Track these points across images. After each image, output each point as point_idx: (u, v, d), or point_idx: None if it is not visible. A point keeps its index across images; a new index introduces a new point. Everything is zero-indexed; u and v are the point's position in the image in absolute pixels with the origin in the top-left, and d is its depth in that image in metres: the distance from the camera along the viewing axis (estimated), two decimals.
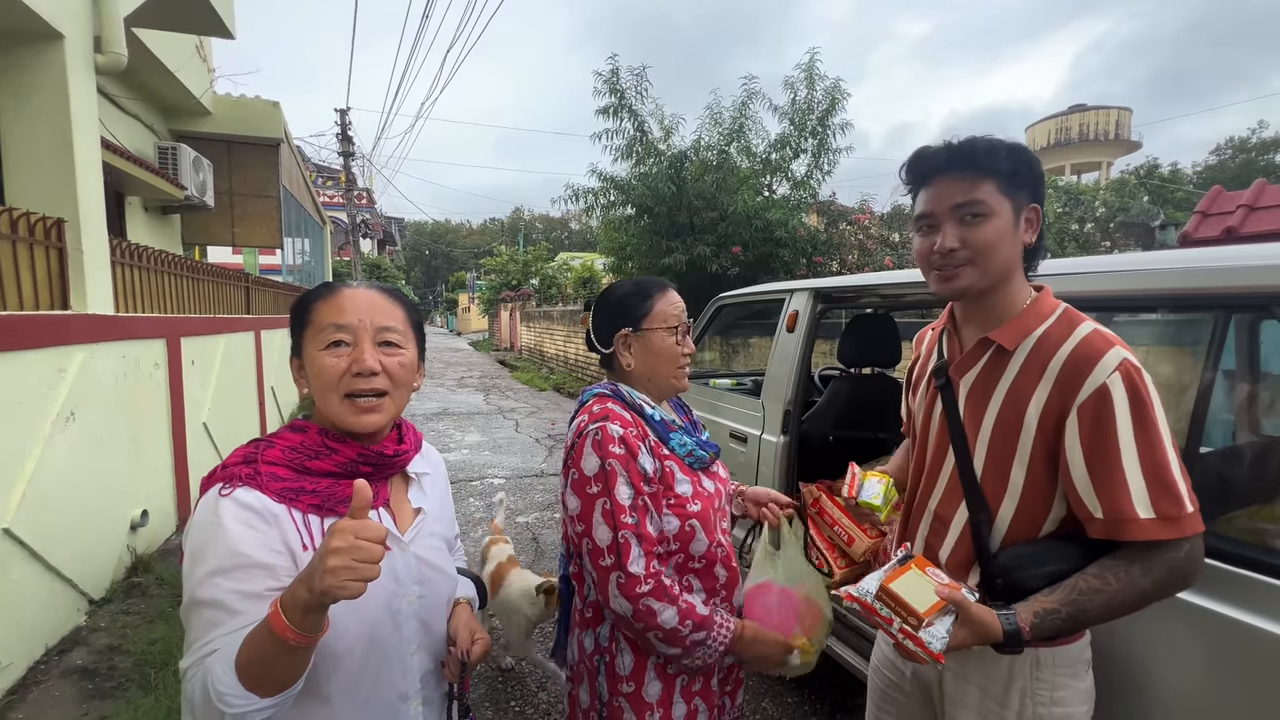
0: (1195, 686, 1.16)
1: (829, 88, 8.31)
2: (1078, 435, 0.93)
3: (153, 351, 3.98)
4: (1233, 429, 1.76)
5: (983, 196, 0.98)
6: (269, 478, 0.84)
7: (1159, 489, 0.89)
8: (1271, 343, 1.72)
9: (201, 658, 0.75)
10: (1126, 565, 0.90)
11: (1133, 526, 0.89)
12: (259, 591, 0.78)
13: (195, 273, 5.17)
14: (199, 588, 0.78)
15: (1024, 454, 1.00)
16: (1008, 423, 1.01)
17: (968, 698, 1.06)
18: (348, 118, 17.52)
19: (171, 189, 6.23)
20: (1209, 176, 26.58)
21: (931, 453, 1.15)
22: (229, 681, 0.71)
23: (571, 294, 18.25)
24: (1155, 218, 10.98)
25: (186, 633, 0.80)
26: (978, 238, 0.99)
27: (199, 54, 6.78)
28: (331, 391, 0.89)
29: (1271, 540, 1.22)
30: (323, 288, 0.94)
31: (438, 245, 70.42)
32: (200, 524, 0.81)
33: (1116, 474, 0.90)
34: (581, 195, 8.87)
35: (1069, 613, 0.90)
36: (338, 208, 20.41)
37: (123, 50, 3.75)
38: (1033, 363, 0.99)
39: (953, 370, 1.11)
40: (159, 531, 3.89)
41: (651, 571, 1.12)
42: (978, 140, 1.01)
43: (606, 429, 1.15)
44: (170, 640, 2.72)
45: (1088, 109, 36.82)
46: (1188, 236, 3.85)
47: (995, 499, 1.03)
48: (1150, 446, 0.90)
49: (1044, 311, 1.02)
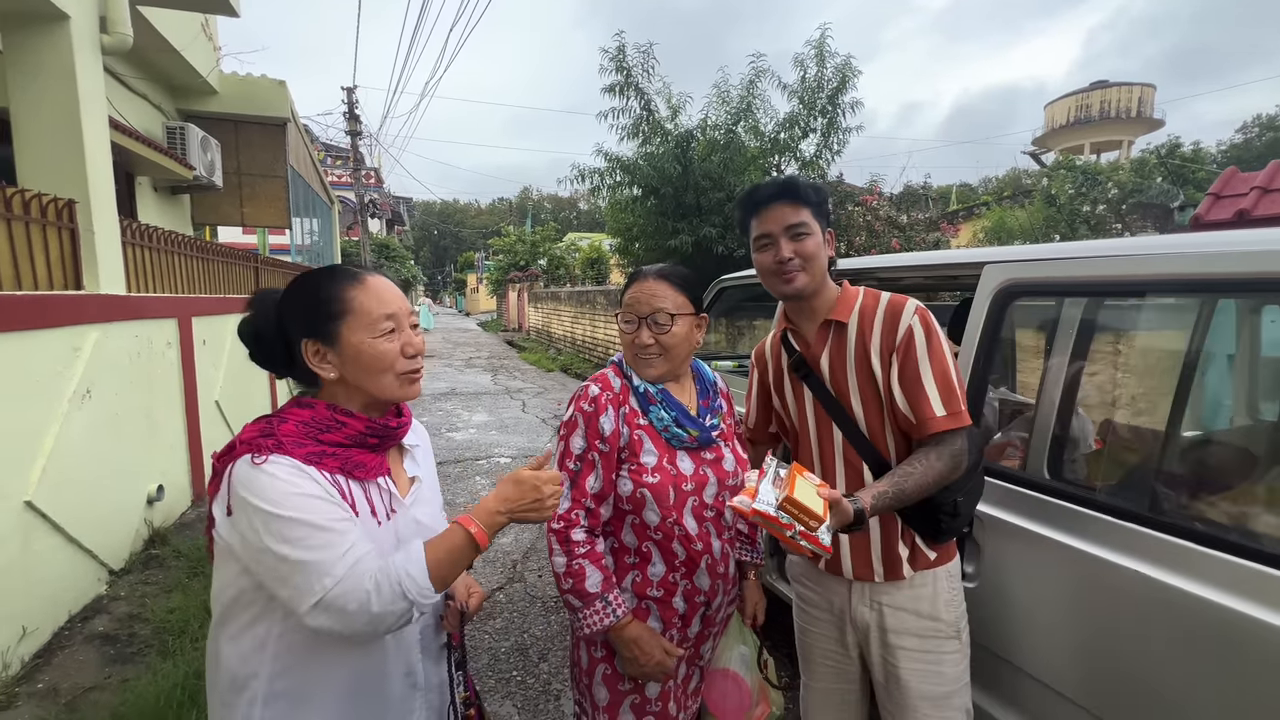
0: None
1: (839, 65, 8.15)
2: (897, 364, 1.25)
3: (165, 331, 4.06)
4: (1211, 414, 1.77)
5: (805, 219, 1.30)
6: (292, 445, 0.91)
7: (947, 394, 1.20)
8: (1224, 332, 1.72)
9: (347, 571, 0.85)
10: (926, 453, 1.19)
11: (932, 423, 1.19)
12: (341, 517, 0.89)
13: (205, 253, 5.24)
14: (285, 528, 0.84)
15: (886, 394, 1.27)
16: (866, 377, 1.29)
17: (907, 623, 1.30)
18: (355, 96, 17.43)
19: (180, 169, 6.27)
20: (1234, 156, 25.82)
21: (817, 435, 1.37)
22: (424, 583, 0.89)
23: (580, 275, 18.23)
24: (1174, 198, 10.73)
25: (289, 576, 0.84)
26: (805, 249, 1.29)
27: (204, 32, 6.76)
28: (388, 372, 0.98)
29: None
30: (344, 276, 0.97)
31: (446, 225, 70.29)
32: (251, 486, 0.86)
33: (921, 387, 1.21)
34: (587, 175, 8.81)
35: (894, 492, 1.14)
36: (346, 187, 20.41)
37: (128, 30, 3.76)
38: (863, 326, 1.30)
39: (809, 358, 1.37)
40: (174, 506, 4.01)
41: (568, 516, 1.25)
42: (798, 179, 1.35)
43: (588, 388, 1.33)
44: (187, 610, 2.83)
45: (1110, 85, 35.72)
46: (1199, 219, 3.78)
47: (882, 445, 1.30)
48: (939, 363, 1.22)
49: (851, 294, 1.35)
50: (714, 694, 1.41)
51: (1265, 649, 1.03)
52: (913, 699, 1.28)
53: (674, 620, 1.31)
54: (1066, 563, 1.34)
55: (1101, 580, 1.28)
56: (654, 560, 1.29)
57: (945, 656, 1.28)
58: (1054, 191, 10.09)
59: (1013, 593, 1.45)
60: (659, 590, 1.30)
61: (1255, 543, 1.14)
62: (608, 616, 1.22)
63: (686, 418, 1.32)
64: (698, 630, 1.35)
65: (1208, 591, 1.11)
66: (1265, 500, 1.35)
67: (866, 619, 1.33)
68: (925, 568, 1.29)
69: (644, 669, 1.23)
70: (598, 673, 1.31)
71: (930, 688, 1.27)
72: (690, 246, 8.01)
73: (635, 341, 1.32)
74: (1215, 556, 1.13)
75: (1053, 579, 1.37)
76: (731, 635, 1.46)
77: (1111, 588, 1.26)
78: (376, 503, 0.98)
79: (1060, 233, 9.52)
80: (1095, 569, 1.28)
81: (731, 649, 1.44)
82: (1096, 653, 1.29)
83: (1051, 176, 10.89)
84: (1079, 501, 1.36)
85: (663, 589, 1.30)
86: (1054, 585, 1.37)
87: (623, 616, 1.23)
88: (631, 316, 1.32)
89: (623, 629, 1.23)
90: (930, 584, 1.30)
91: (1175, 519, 1.27)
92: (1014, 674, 1.46)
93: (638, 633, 1.24)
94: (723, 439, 1.38)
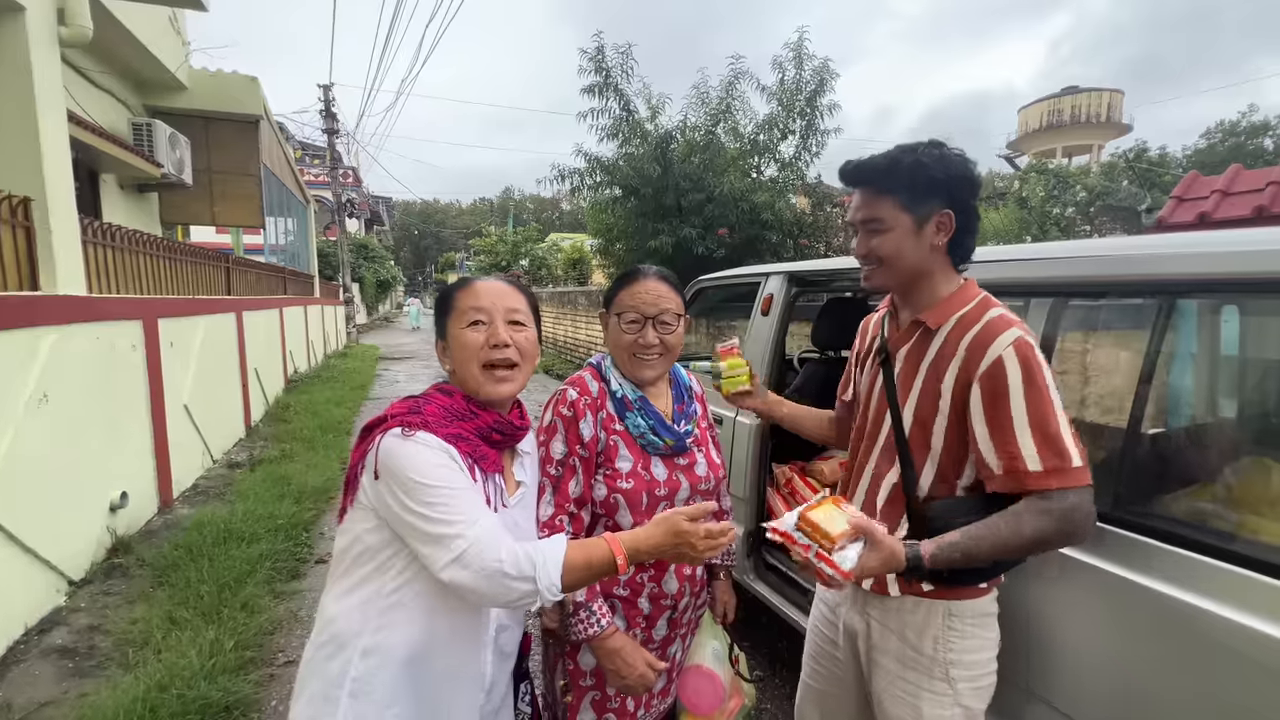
0: (1092, 641, 1.26)
1: (818, 68, 8.23)
2: (980, 401, 1.08)
3: (129, 333, 3.94)
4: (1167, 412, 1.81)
5: (881, 214, 1.15)
6: (437, 424, 1.01)
7: (1046, 446, 1.01)
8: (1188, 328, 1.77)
9: (480, 534, 0.94)
10: (1016, 513, 1.03)
11: (1023, 478, 1.02)
12: (476, 489, 1.00)
13: (172, 253, 5.10)
14: (425, 494, 0.94)
15: (941, 420, 1.14)
16: (930, 391, 1.16)
17: (889, 644, 1.21)
18: (331, 94, 17.14)
19: (147, 166, 6.10)
20: (1197, 161, 26.64)
21: (871, 419, 1.29)
22: (555, 577, 0.96)
23: (562, 275, 18.14)
24: (1141, 201, 11.01)
25: (426, 535, 0.95)
26: (880, 248, 1.16)
27: (172, 27, 6.60)
28: (472, 361, 1.07)
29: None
30: (461, 281, 1.13)
31: (427, 225, 69.57)
32: (398, 455, 0.96)
33: (1009, 433, 1.04)
34: (568, 176, 8.78)
35: (965, 548, 1.03)
36: (323, 186, 20.07)
37: (88, 23, 3.65)
38: (951, 341, 1.14)
39: (891, 346, 1.26)
40: (140, 513, 3.90)
41: (552, 523, 1.23)
42: (879, 160, 1.16)
43: (566, 392, 1.30)
44: (151, 620, 2.74)
45: (1080, 91, 36.66)
46: (1163, 221, 3.88)
47: (919, 458, 1.18)
48: (1039, 409, 1.03)
49: (965, 299, 1.17)
50: (688, 689, 1.41)
51: (1218, 640, 1.05)
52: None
53: (638, 620, 1.31)
54: (1040, 564, 1.35)
55: (1072, 579, 1.29)
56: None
57: (924, 694, 1.16)
58: (1026, 194, 10.31)
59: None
60: (625, 590, 1.30)
61: (1214, 539, 1.16)
62: (592, 626, 1.20)
63: (663, 426, 1.31)
64: (664, 634, 1.34)
65: (1167, 588, 1.13)
66: (1223, 497, 1.38)
67: (856, 627, 1.28)
68: (915, 594, 1.17)
69: (625, 681, 1.21)
70: (559, 668, 1.31)
71: (902, 715, 1.19)
72: (671, 247, 8.02)
73: (639, 341, 1.29)
74: (1174, 552, 1.15)
75: (1029, 582, 1.38)
76: (704, 632, 1.46)
77: (1082, 586, 1.27)
78: (491, 495, 1.06)
79: (1032, 234, 9.72)
80: (1066, 568, 1.30)
81: (704, 645, 1.45)
82: (1072, 654, 1.31)
83: (1024, 179, 11.12)
84: None
85: (629, 588, 1.30)
86: (1030, 588, 1.38)
87: (606, 627, 1.20)
88: (636, 316, 1.29)
89: (605, 640, 1.20)
90: (922, 613, 1.17)
91: (1135, 516, 1.29)
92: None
93: (620, 644, 1.21)
94: (696, 444, 1.38)
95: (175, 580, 3.10)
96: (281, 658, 2.65)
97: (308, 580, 3.35)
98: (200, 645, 2.51)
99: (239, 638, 2.63)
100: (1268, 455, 1.38)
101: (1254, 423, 1.65)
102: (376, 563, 1.01)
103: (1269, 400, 1.58)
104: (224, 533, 3.58)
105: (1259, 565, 1.04)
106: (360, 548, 1.01)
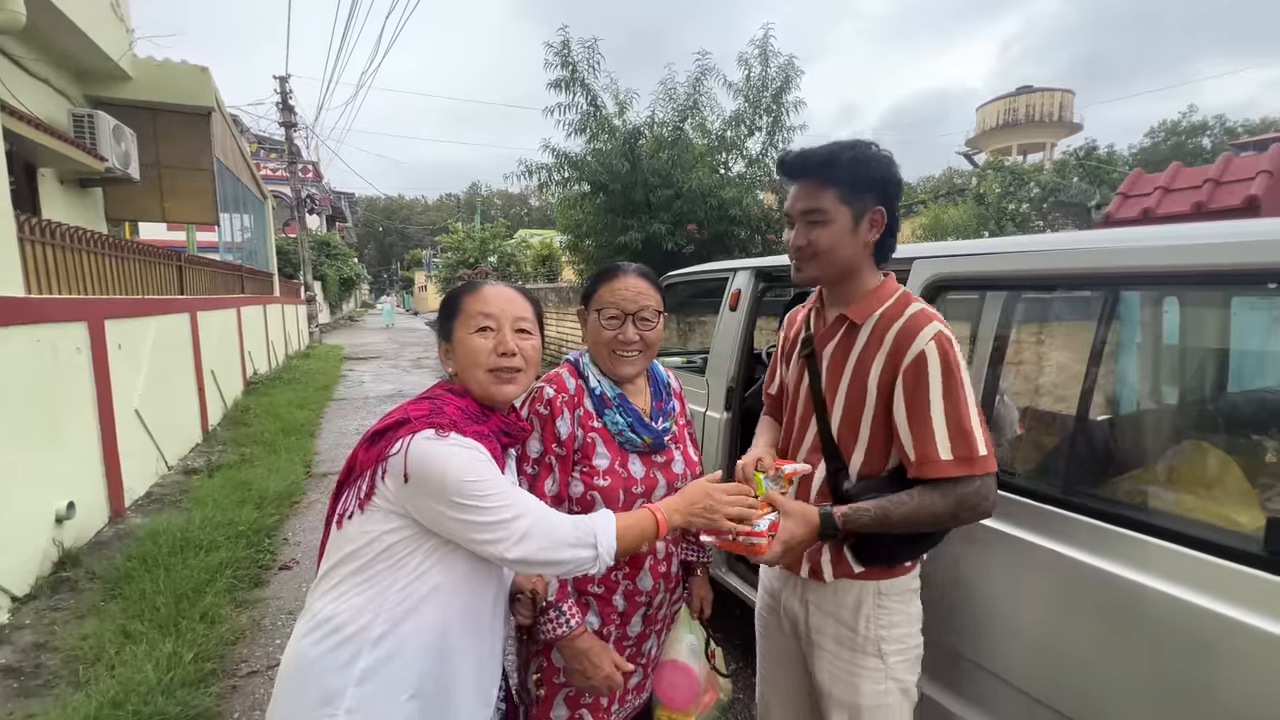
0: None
1: (783, 65, 8.32)
2: (903, 392, 1.14)
3: (73, 335, 3.75)
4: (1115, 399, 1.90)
5: (823, 205, 1.17)
6: (464, 424, 1.04)
7: (957, 436, 1.10)
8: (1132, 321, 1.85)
9: (535, 506, 1.03)
10: (928, 490, 1.12)
11: (934, 466, 1.11)
12: (512, 480, 1.06)
13: (119, 251, 4.87)
14: (471, 487, 0.97)
15: (869, 413, 1.20)
16: (857, 386, 1.21)
17: (826, 626, 1.28)
18: (288, 86, 16.57)
19: (90, 160, 5.80)
20: (1142, 158, 27.87)
21: (799, 416, 1.34)
22: (611, 541, 1.04)
23: (531, 272, 17.95)
24: (1091, 197, 11.47)
25: (479, 525, 0.99)
26: (819, 240, 1.19)
27: (115, 13, 6.29)
28: (478, 366, 1.10)
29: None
30: (468, 285, 1.16)
31: (391, 222, 68.06)
32: (437, 455, 0.99)
33: (927, 424, 1.11)
34: (535, 171, 8.69)
35: (875, 514, 1.12)
36: (281, 181, 19.41)
37: (20, 8, 3.45)
38: (875, 335, 1.20)
39: (817, 342, 1.31)
40: (89, 523, 3.72)
41: None
42: (819, 151, 1.19)
43: (542, 390, 1.29)
44: (102, 635, 2.63)
45: (1034, 91, 37.91)
46: (1110, 217, 4.06)
47: (848, 452, 1.24)
48: (953, 402, 1.11)
49: (886, 294, 1.22)
50: (663, 684, 1.42)
51: (1162, 616, 1.11)
52: (827, 702, 1.28)
53: (612, 617, 1.31)
54: (991, 544, 1.40)
55: (1027, 562, 1.34)
56: None
57: (862, 671, 1.23)
58: (983, 190, 10.63)
59: (941, 575, 1.50)
60: (599, 587, 1.30)
61: (1157, 520, 1.22)
62: (561, 626, 1.20)
63: (641, 424, 1.31)
64: (639, 630, 1.35)
65: (1116, 567, 1.19)
66: (1165, 480, 1.45)
67: (796, 612, 1.34)
68: (847, 577, 1.24)
69: (590, 682, 1.21)
70: (533, 665, 1.31)
71: (843, 694, 1.25)
72: (640, 243, 8.02)
73: (619, 338, 1.29)
74: (1121, 534, 1.20)
75: (979, 561, 1.43)
76: (680, 627, 1.48)
77: (1035, 567, 1.32)
78: None
79: (989, 229, 10.04)
80: (1021, 551, 1.35)
81: (680, 640, 1.46)
82: (1024, 631, 1.36)
83: (982, 176, 11.47)
84: (1003, 487, 1.43)
85: (603, 586, 1.30)
86: (980, 567, 1.43)
87: (575, 628, 1.20)
88: (617, 312, 1.29)
89: (573, 641, 1.20)
90: (854, 594, 1.25)
91: (1084, 500, 1.35)
92: (943, 652, 1.52)
93: (588, 645, 1.21)
94: (674, 441, 1.38)
95: (129, 592, 2.97)
96: (244, 668, 2.57)
97: (271, 588, 3.25)
98: (157, 659, 2.42)
99: (199, 649, 2.54)
100: (1198, 438, 1.46)
101: (1192, 409, 1.74)
102: (393, 559, 1.02)
103: (1205, 386, 1.66)
104: (180, 541, 3.44)
105: (1174, 537, 1.14)
106: (380, 547, 1.02)
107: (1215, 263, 1.14)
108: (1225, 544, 1.09)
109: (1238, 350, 1.77)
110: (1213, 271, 1.16)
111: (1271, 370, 1.83)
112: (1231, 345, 1.76)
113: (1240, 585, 1.04)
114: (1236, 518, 1.21)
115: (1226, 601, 1.04)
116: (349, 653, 0.99)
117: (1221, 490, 1.32)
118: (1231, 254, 1.12)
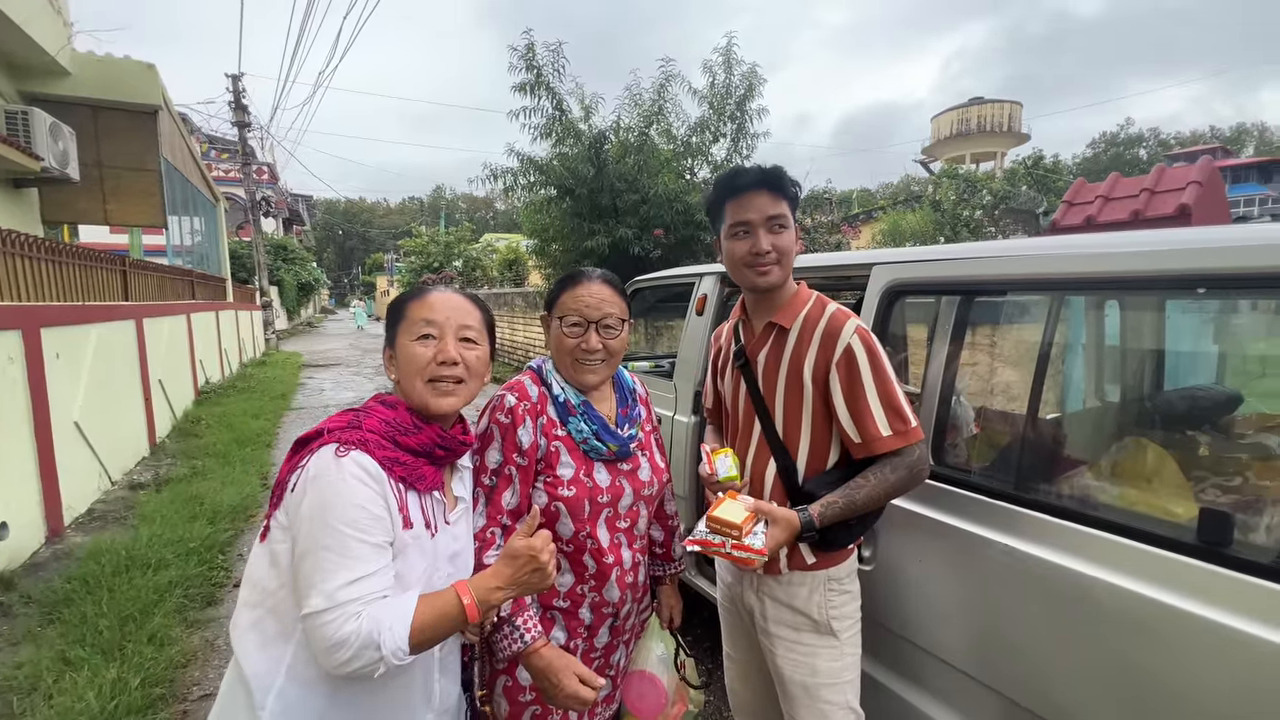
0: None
1: (746, 72, 8.45)
2: (839, 384, 1.27)
3: (5, 345, 3.53)
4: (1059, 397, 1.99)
5: (785, 212, 1.30)
6: (374, 445, 0.97)
7: (893, 414, 1.23)
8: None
9: (346, 602, 0.89)
10: (879, 468, 1.25)
11: (879, 443, 1.23)
12: (379, 543, 0.94)
13: (57, 255, 4.61)
14: (324, 533, 0.90)
15: (808, 406, 1.32)
16: (794, 384, 1.32)
17: (783, 616, 1.37)
18: (241, 84, 16.03)
19: (24, 159, 5.49)
20: (1085, 168, 29.34)
21: (741, 422, 1.43)
22: (402, 641, 0.90)
23: (497, 276, 17.75)
24: (1039, 205, 12.00)
25: (308, 575, 0.91)
26: (783, 244, 1.30)
27: (51, 5, 5.98)
28: (417, 376, 1.04)
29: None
30: (416, 290, 1.11)
31: (352, 225, 66.38)
32: (323, 478, 0.93)
33: (865, 408, 1.24)
34: (500, 175, 8.60)
35: (844, 502, 1.22)
36: (234, 183, 18.75)
37: None
38: (803, 336, 1.32)
39: (749, 351, 1.41)
40: (23, 545, 3.50)
41: (483, 535, 1.19)
42: (780, 169, 1.31)
43: (504, 398, 1.26)
44: (39, 663, 2.47)
45: (985, 102, 39.56)
46: (1056, 224, 4.26)
47: (794, 448, 1.34)
48: (883, 383, 1.25)
49: (804, 298, 1.36)
50: (631, 694, 1.41)
51: (1108, 605, 1.16)
52: (787, 685, 1.36)
53: (579, 630, 1.29)
54: (950, 541, 1.45)
55: (977, 555, 1.39)
56: (563, 571, 1.26)
57: (820, 651, 1.34)
58: (939, 197, 11.01)
59: (907, 574, 1.54)
60: (565, 601, 1.27)
61: (1103, 513, 1.28)
62: (515, 642, 1.14)
63: (606, 431, 1.28)
64: (606, 641, 1.33)
65: (1063, 559, 1.24)
66: (1110, 474, 1.52)
67: (752, 605, 1.42)
68: (801, 569, 1.34)
69: (555, 700, 1.14)
70: (498, 684, 1.27)
71: (802, 677, 1.34)
72: (607, 248, 8.02)
73: (582, 346, 1.25)
74: (1068, 527, 1.26)
75: (940, 558, 1.48)
76: (649, 637, 1.46)
77: (985, 560, 1.37)
78: (431, 514, 1.04)
79: (945, 235, 10.39)
80: (972, 545, 1.39)
81: (649, 650, 1.44)
82: (978, 623, 1.41)
83: (937, 184, 11.88)
84: (960, 484, 1.48)
85: (569, 600, 1.27)
86: (941, 564, 1.48)
87: (530, 642, 1.13)
88: (579, 320, 1.26)
89: (530, 656, 1.14)
90: (806, 585, 1.35)
91: (1035, 495, 1.40)
92: (911, 650, 1.56)
93: (548, 660, 1.13)
94: (641, 448, 1.36)
95: (68, 616, 2.81)
96: (196, 691, 2.46)
97: (225, 606, 3.12)
98: (100, 686, 2.29)
99: (146, 674, 2.41)
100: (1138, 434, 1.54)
101: (1132, 407, 1.84)
102: (284, 624, 0.96)
103: (1144, 385, 1.75)
104: (125, 560, 3.27)
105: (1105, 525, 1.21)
106: (272, 603, 0.96)
107: (1151, 269, 1.21)
108: (1162, 534, 1.14)
109: (1173, 351, 1.88)
110: (1149, 276, 1.23)
111: (1203, 369, 1.95)
112: (1166, 346, 1.86)
113: (1175, 573, 1.10)
114: (1173, 509, 1.28)
115: (1162, 588, 1.10)
116: (259, 699, 0.95)
117: (1159, 483, 1.39)
118: (1166, 260, 1.19)
